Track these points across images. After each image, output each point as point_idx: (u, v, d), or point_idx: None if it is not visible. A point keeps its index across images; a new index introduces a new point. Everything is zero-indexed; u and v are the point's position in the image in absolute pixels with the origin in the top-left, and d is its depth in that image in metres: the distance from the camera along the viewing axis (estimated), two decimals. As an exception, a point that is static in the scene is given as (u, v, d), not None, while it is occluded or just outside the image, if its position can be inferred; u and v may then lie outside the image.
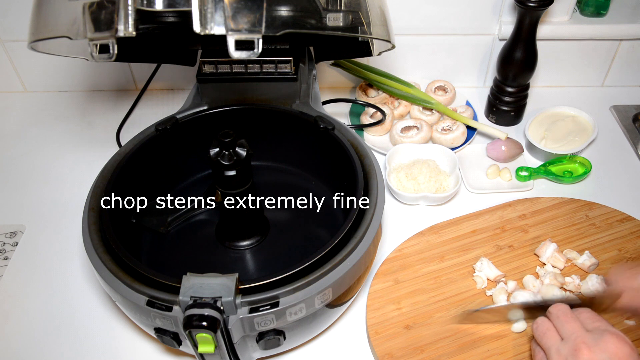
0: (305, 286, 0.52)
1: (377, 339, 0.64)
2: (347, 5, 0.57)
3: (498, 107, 0.92)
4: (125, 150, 0.68)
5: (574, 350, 0.50)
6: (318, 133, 0.69)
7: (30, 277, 0.74)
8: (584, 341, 0.50)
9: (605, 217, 0.76)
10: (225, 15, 0.48)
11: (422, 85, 0.98)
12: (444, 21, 0.92)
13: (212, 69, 0.72)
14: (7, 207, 0.83)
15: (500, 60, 0.88)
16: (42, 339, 0.67)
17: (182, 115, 0.72)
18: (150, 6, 0.48)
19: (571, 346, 0.50)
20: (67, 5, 0.53)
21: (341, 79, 1.01)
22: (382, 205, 0.60)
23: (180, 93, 1.03)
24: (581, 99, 0.99)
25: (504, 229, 0.75)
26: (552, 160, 0.84)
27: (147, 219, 0.69)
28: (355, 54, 0.77)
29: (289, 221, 0.72)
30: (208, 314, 0.48)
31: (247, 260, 0.68)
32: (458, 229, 0.75)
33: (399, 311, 0.66)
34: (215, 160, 0.58)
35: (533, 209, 0.77)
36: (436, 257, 0.72)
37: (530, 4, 0.79)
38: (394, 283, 0.69)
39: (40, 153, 0.92)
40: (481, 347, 0.62)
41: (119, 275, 0.54)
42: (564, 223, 0.75)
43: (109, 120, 0.97)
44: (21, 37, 0.95)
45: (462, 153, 0.88)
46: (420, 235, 0.75)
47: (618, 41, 0.94)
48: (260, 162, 0.77)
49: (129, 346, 0.66)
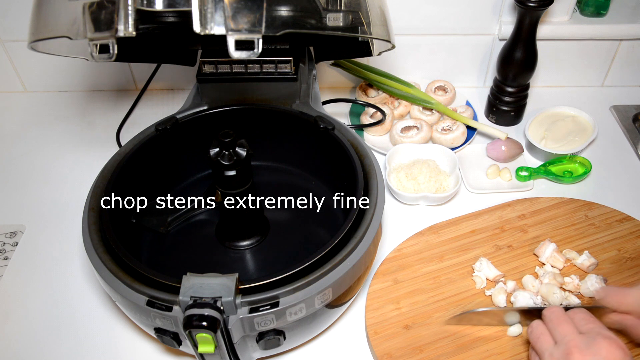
0: (305, 286, 0.52)
1: (376, 339, 0.64)
2: (347, 5, 0.57)
3: (498, 107, 0.92)
4: (125, 150, 0.68)
5: (566, 354, 0.50)
6: (318, 133, 0.69)
7: (30, 277, 0.74)
8: (576, 345, 0.50)
9: (605, 217, 0.76)
10: (225, 15, 0.48)
11: (422, 85, 0.98)
12: (444, 21, 0.92)
13: (212, 69, 0.72)
14: (7, 207, 0.83)
15: (500, 60, 0.88)
16: (42, 339, 0.67)
17: (182, 115, 0.72)
18: (150, 6, 0.48)
19: (563, 350, 0.50)
20: (67, 5, 0.53)
21: (341, 79, 1.01)
22: (382, 205, 0.60)
23: (180, 93, 1.03)
24: (581, 99, 0.99)
25: (503, 229, 0.75)
26: (552, 160, 0.84)
27: (147, 219, 0.69)
28: (355, 54, 0.77)
29: (289, 221, 0.72)
30: (208, 314, 0.48)
31: (247, 260, 0.68)
32: (457, 229, 0.75)
33: (398, 311, 0.66)
34: (215, 160, 0.58)
35: (532, 209, 0.77)
36: (435, 257, 0.72)
37: (530, 4, 0.79)
38: (393, 283, 0.69)
39: (40, 153, 0.92)
40: (480, 347, 0.62)
41: (119, 275, 0.54)
42: (564, 223, 0.75)
43: (109, 120, 0.97)
44: (21, 37, 0.95)
45: (462, 153, 0.88)
46: (419, 235, 0.75)
47: (618, 41, 0.94)
48: (260, 162, 0.77)
49: (129, 346, 0.66)
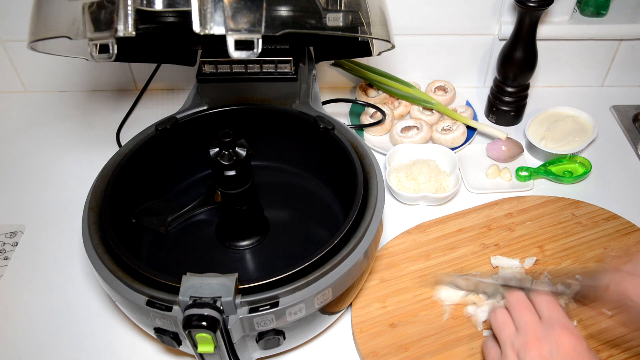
0: (305, 286, 0.52)
1: (362, 337, 0.64)
2: (347, 5, 0.57)
3: (498, 107, 0.92)
4: (125, 150, 0.68)
5: (525, 343, 0.51)
6: (318, 133, 0.69)
7: (30, 277, 0.74)
8: (535, 334, 0.51)
9: (592, 216, 0.76)
10: (225, 15, 0.48)
11: (422, 85, 0.98)
12: (443, 21, 0.92)
13: (212, 69, 0.72)
14: (7, 207, 0.83)
15: (500, 60, 0.88)
16: (42, 339, 0.67)
17: (182, 115, 0.72)
18: (150, 6, 0.49)
19: (523, 340, 0.51)
20: (66, 5, 0.53)
21: (341, 79, 1.01)
22: (382, 205, 0.60)
23: (180, 93, 1.03)
24: (581, 99, 0.99)
25: (490, 227, 0.75)
26: (552, 160, 0.84)
27: (147, 219, 0.69)
28: (355, 54, 0.77)
29: (289, 221, 0.72)
30: (207, 314, 0.48)
31: (247, 260, 0.68)
32: (444, 228, 0.75)
33: (384, 309, 0.66)
34: (215, 160, 0.58)
35: (519, 207, 0.78)
36: (422, 256, 0.72)
37: (530, 4, 0.79)
38: (379, 282, 0.69)
39: (40, 153, 0.92)
40: (465, 346, 0.62)
41: (119, 275, 0.54)
42: (550, 221, 0.75)
43: (109, 120, 0.97)
44: (21, 37, 0.95)
45: (462, 153, 0.88)
46: (406, 234, 0.75)
47: (618, 41, 0.94)
48: (260, 162, 0.77)
49: (129, 346, 0.66)
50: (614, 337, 0.62)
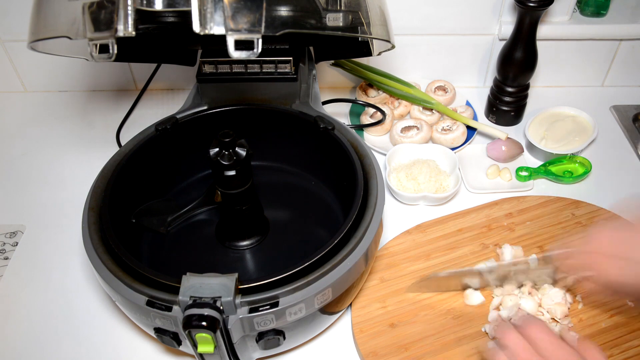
0: (305, 286, 0.52)
1: (362, 337, 0.64)
2: (347, 5, 0.57)
3: (498, 107, 0.92)
4: (125, 150, 0.68)
5: None
6: (318, 133, 0.69)
7: (30, 277, 0.74)
8: None
9: (591, 215, 0.76)
10: (225, 15, 0.48)
11: (422, 85, 0.98)
12: (443, 21, 0.92)
13: (212, 69, 0.72)
14: (7, 207, 0.83)
15: (500, 60, 0.88)
16: (42, 339, 0.67)
17: (182, 115, 0.72)
18: (150, 6, 0.49)
19: None
20: (66, 5, 0.53)
21: (341, 79, 1.01)
22: (382, 205, 0.60)
23: (180, 93, 1.03)
24: (581, 99, 0.99)
25: (490, 227, 0.75)
26: (552, 160, 0.84)
27: (147, 219, 0.69)
28: (355, 54, 0.77)
29: (289, 221, 0.72)
30: (207, 314, 0.48)
31: (247, 260, 0.68)
32: (444, 228, 0.75)
33: (384, 309, 0.66)
34: (215, 160, 0.58)
35: (519, 207, 0.78)
36: (422, 256, 0.72)
37: (530, 4, 0.79)
38: (379, 282, 0.69)
39: (40, 153, 0.92)
40: (465, 346, 0.62)
41: (119, 275, 0.54)
42: (550, 221, 0.76)
43: (109, 120, 0.97)
44: (21, 37, 0.95)
45: (462, 153, 0.88)
46: (406, 234, 0.75)
47: (618, 41, 0.94)
48: (260, 162, 0.77)
49: (129, 346, 0.66)
50: (614, 337, 0.62)
